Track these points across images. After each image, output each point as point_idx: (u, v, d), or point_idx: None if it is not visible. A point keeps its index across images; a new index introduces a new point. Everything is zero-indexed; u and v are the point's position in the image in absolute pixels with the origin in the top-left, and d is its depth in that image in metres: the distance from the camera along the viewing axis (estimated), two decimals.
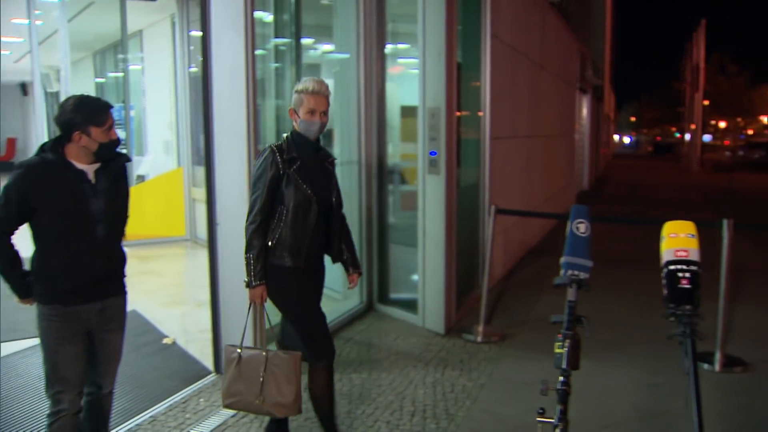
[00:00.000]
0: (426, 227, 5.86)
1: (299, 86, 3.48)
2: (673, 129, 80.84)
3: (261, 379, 3.37)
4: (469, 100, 6.90)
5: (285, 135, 3.55)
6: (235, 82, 4.46)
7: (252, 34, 4.44)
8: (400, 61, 8.07)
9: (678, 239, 1.88)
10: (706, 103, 56.13)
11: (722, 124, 79.61)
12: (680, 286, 1.80)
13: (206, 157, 4.62)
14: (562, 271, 2.00)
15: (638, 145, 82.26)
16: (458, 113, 6.27)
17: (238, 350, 3.46)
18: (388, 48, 6.90)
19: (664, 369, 5.18)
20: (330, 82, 7.25)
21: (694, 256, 1.86)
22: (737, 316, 6.83)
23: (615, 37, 45.37)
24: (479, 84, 6.88)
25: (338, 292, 6.54)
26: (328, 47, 7.44)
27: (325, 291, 3.83)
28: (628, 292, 7.32)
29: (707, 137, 73.01)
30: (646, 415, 4.43)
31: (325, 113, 3.48)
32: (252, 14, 4.44)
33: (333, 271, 6.64)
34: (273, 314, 3.73)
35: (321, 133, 3.53)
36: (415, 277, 6.12)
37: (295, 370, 3.39)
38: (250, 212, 3.45)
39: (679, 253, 1.86)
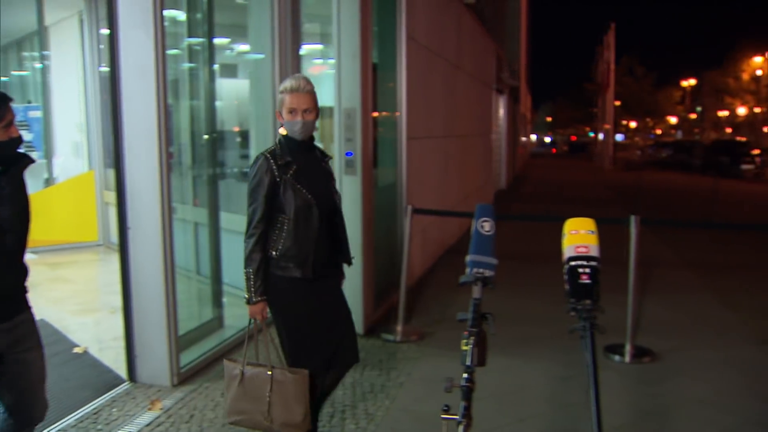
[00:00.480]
0: None
1: (280, 86, 3.34)
2: (587, 129, 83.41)
3: (268, 398, 3.24)
4: (385, 101, 6.93)
5: (277, 140, 3.40)
6: (144, 82, 4.36)
7: (162, 32, 4.35)
8: (318, 61, 8.05)
9: (578, 236, 1.94)
10: (618, 103, 58.16)
11: (633, 124, 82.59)
12: (580, 281, 1.86)
13: (116, 160, 4.50)
14: (467, 270, 2.03)
15: (552, 144, 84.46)
16: (374, 114, 6.30)
17: (240, 368, 3.31)
18: (305, 49, 6.87)
19: (576, 362, 5.33)
20: (245, 83, 7.18)
21: (594, 252, 1.92)
22: (646, 308, 7.10)
23: (531, 39, 46.45)
24: (395, 85, 6.93)
25: None
26: (244, 47, 7.36)
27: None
28: (542, 287, 7.50)
29: (619, 137, 75.66)
30: (560, 407, 4.55)
31: (309, 111, 3.28)
32: (161, 13, 4.36)
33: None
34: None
35: (309, 132, 3.33)
36: None
37: (302, 390, 3.24)
38: (248, 225, 3.26)
39: (579, 250, 1.91)
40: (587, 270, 1.89)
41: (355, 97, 5.64)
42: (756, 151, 34.14)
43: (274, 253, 3.24)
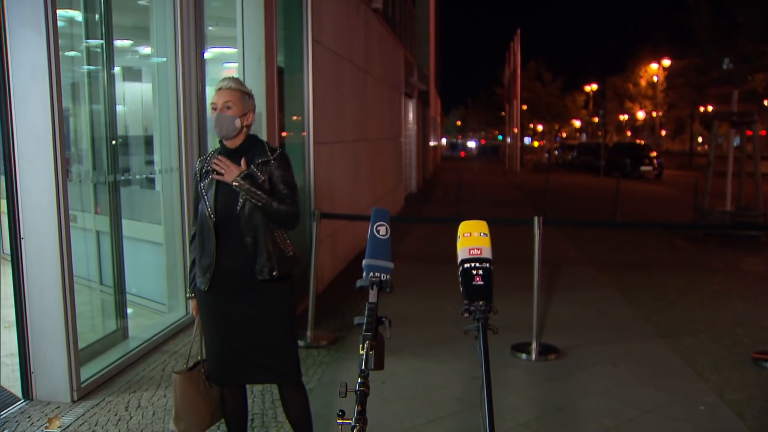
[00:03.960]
0: None
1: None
2: (497, 132, 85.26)
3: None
4: (292, 105, 6.88)
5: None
6: (37, 84, 4.17)
7: (55, 32, 4.18)
8: (226, 65, 7.92)
9: (471, 238, 1.96)
10: (525, 107, 59.67)
11: (540, 128, 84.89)
12: (474, 283, 1.87)
13: (5, 166, 4.29)
14: (364, 274, 2.02)
15: (462, 148, 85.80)
16: (281, 118, 6.24)
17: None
18: (213, 52, 6.75)
19: None
20: (148, 87, 6.98)
21: (487, 253, 1.94)
22: (552, 306, 7.29)
23: (440, 44, 47.14)
24: (302, 89, 6.88)
25: (162, 305, 6.30)
26: (147, 50, 7.16)
27: (147, 303, 3.64)
28: (453, 288, 7.59)
29: (528, 139, 77.65)
30: (470, 407, 4.60)
31: (230, 106, 3.12)
32: (54, 11, 4.18)
33: (156, 283, 6.44)
34: None
35: (225, 129, 3.14)
36: None
37: (175, 389, 3.35)
38: None
39: (472, 252, 1.93)
40: (480, 272, 1.91)
41: (260, 102, 5.57)
42: (654, 154, 35.70)
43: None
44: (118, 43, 6.81)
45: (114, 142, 5.76)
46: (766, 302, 6.39)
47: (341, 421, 1.63)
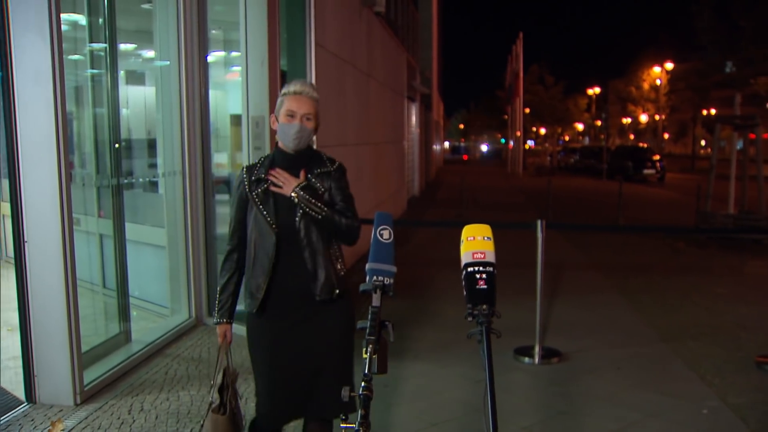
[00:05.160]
0: None
1: (282, 90, 2.99)
2: (499, 135, 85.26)
3: None
4: None
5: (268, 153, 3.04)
6: (41, 88, 4.19)
7: (59, 36, 4.20)
8: (232, 69, 7.94)
9: (475, 242, 1.96)
10: (527, 111, 59.69)
11: (543, 131, 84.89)
12: (477, 287, 1.88)
13: (10, 169, 4.30)
14: (367, 278, 2.02)
15: (465, 151, 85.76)
16: None
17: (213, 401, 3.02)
18: (216, 56, 6.77)
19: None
20: (151, 90, 7.00)
21: (490, 257, 1.94)
22: (556, 310, 7.28)
23: (443, 48, 47.19)
24: None
25: (165, 308, 6.31)
26: (150, 54, 7.18)
27: (150, 306, 3.52)
28: (458, 292, 7.60)
29: (531, 143, 77.69)
30: (473, 410, 4.60)
31: (310, 118, 2.88)
32: (58, 15, 4.20)
33: (159, 286, 6.44)
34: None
35: (305, 142, 2.90)
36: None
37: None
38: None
39: (476, 256, 1.93)
40: (484, 275, 1.91)
41: (263, 105, 5.57)
42: (656, 157, 35.69)
43: (245, 279, 2.98)
44: (122, 46, 6.83)
45: (117, 145, 5.78)
46: None
47: (345, 426, 1.62)
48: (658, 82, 63.61)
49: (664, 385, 5.16)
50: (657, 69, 61.53)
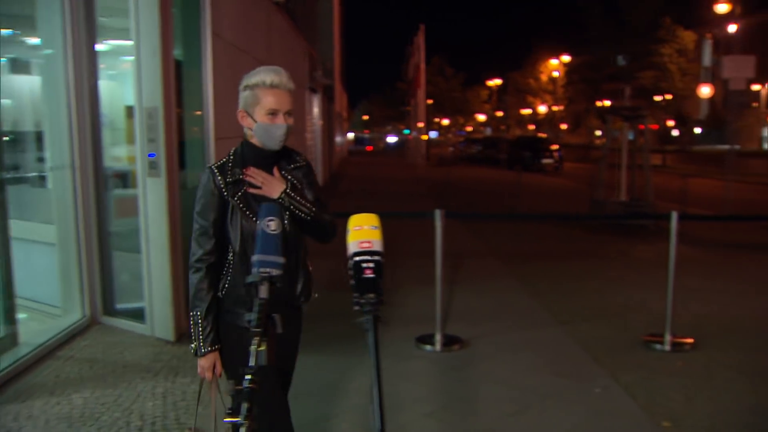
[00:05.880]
0: (149, 232, 5.61)
1: (251, 79, 2.63)
2: (403, 127, 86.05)
3: None
4: (192, 100, 6.72)
5: (233, 149, 2.72)
6: None
7: None
8: (124, 58, 7.66)
9: (362, 231, 1.97)
10: (430, 102, 60.43)
11: (445, 122, 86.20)
12: (364, 276, 1.88)
13: None
14: (253, 269, 1.99)
15: (369, 142, 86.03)
16: (180, 113, 6.10)
17: None
18: (108, 44, 6.52)
19: (391, 353, 5.45)
20: (36, 80, 6.68)
21: (378, 246, 1.95)
22: (456, 297, 7.41)
23: (345, 39, 47.14)
24: (201, 83, 6.73)
25: (56, 307, 6.06)
26: (36, 41, 6.84)
27: (40, 307, 3.31)
28: None
29: (434, 134, 78.73)
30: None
31: (291, 113, 2.65)
32: None
33: (49, 285, 6.17)
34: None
35: (286, 140, 2.67)
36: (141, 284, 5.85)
37: None
38: (192, 256, 2.63)
39: (363, 245, 1.94)
40: (371, 265, 1.91)
41: (156, 96, 5.41)
42: (554, 147, 36.83)
43: (220, 293, 2.66)
44: (3, 32, 6.49)
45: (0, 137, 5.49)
46: (656, 287, 6.68)
47: (228, 419, 1.59)
48: (555, 74, 65.67)
49: (559, 366, 5.34)
50: (554, 61, 63.51)
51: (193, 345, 2.64)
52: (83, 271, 5.93)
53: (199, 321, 2.60)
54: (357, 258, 1.92)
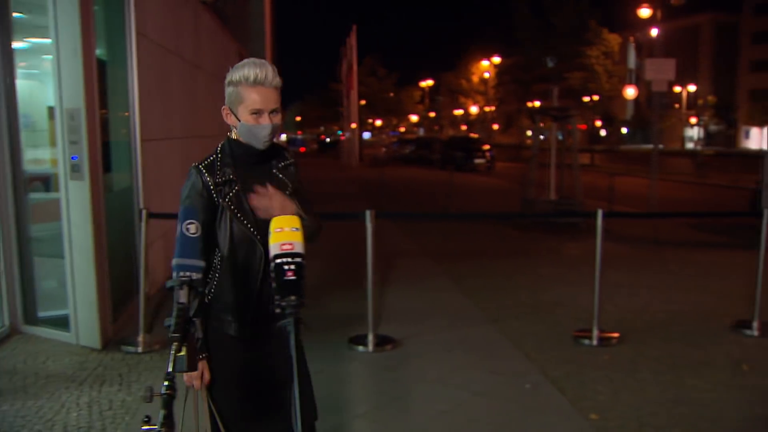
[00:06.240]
0: (72, 237, 5.43)
1: (234, 74, 2.44)
2: (336, 127, 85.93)
3: None
4: (117, 101, 6.56)
5: (218, 146, 2.56)
6: None
7: None
8: (46, 57, 7.41)
9: (283, 233, 1.94)
10: (363, 102, 60.49)
11: (379, 123, 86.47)
12: (286, 278, 1.86)
13: None
14: (174, 274, 1.95)
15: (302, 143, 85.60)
16: (104, 114, 5.94)
17: None
18: (29, 42, 6.31)
19: (326, 356, 5.42)
20: None
21: (299, 248, 1.93)
22: (388, 298, 7.42)
23: (277, 39, 46.73)
24: (126, 83, 6.57)
25: None
26: None
27: None
28: None
29: (367, 134, 78.88)
30: None
31: (277, 111, 2.48)
32: None
33: None
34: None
35: (273, 139, 2.53)
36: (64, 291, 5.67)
37: None
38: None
39: (284, 247, 1.92)
40: (292, 267, 1.89)
41: (78, 97, 5.25)
42: (486, 147, 37.34)
43: (207, 299, 2.50)
44: None
45: None
46: (585, 284, 6.83)
47: (146, 428, 1.55)
48: (486, 75, 66.62)
49: (491, 364, 5.40)
50: (485, 62, 64.43)
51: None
52: (1, 278, 5.70)
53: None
54: (278, 260, 1.90)
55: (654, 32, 31.97)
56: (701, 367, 5.36)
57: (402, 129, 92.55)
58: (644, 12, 26.08)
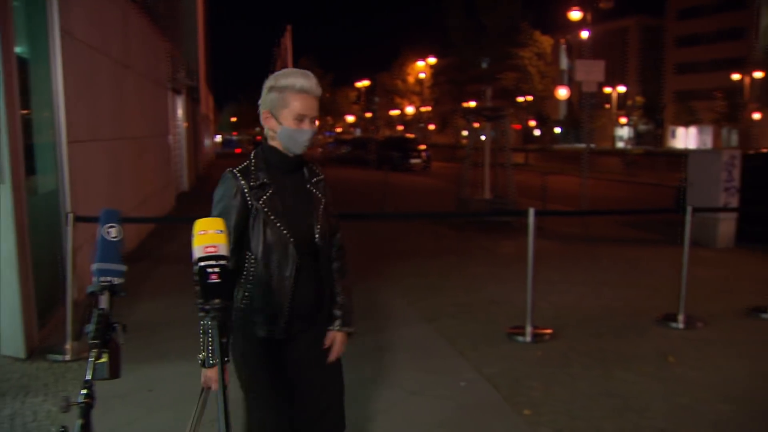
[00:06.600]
0: None
1: (280, 81, 2.55)
2: None
3: None
4: (41, 101, 6.35)
5: (252, 152, 2.64)
6: None
7: None
8: None
9: (206, 236, 1.92)
10: None
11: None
12: (210, 281, 1.83)
13: None
14: (94, 279, 1.89)
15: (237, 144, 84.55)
16: (27, 115, 5.74)
17: None
18: None
19: None
20: None
21: (224, 251, 1.91)
22: None
23: (211, 39, 46.12)
24: (51, 84, 6.37)
25: None
26: None
27: None
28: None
29: None
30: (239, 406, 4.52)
31: (315, 119, 2.60)
32: None
33: None
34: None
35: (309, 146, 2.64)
36: None
37: None
38: None
39: (208, 249, 1.89)
40: (216, 269, 1.87)
41: None
42: (422, 147, 37.60)
43: (237, 302, 2.58)
44: None
45: None
46: (519, 282, 6.93)
47: None
48: (421, 75, 67.11)
49: (426, 363, 5.42)
50: (420, 63, 64.88)
51: (200, 355, 2.42)
52: None
53: (210, 330, 2.39)
54: (202, 263, 1.87)
55: (584, 35, 32.77)
56: (630, 360, 5.50)
57: (338, 129, 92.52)
58: (575, 15, 26.68)
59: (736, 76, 56.39)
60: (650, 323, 6.54)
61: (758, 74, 54.63)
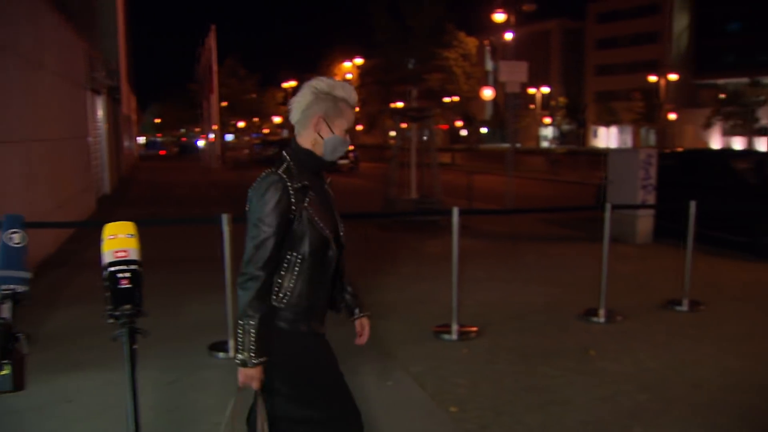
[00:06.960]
0: None
1: (337, 91, 2.63)
2: (197, 129, 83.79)
3: None
4: None
5: (285, 153, 2.64)
6: None
7: None
8: None
9: (116, 240, 1.86)
10: (225, 104, 59.33)
11: (241, 124, 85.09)
12: (120, 286, 1.77)
13: None
14: None
15: (161, 146, 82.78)
16: None
17: None
18: None
19: (181, 365, 5.25)
20: None
21: (134, 255, 1.85)
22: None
23: (132, 38, 45.04)
24: None
25: None
26: None
27: None
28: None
29: (229, 136, 77.44)
30: (167, 413, 4.44)
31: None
32: None
33: None
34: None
35: None
36: None
37: None
38: (250, 262, 2.46)
39: (118, 254, 1.83)
40: (127, 274, 1.81)
41: None
42: (350, 147, 37.52)
43: (278, 301, 2.56)
44: None
45: None
46: (444, 281, 6.96)
47: None
48: (349, 76, 67.05)
49: (353, 363, 5.37)
50: (347, 64, 64.83)
51: (240, 355, 2.47)
52: None
53: (252, 331, 2.45)
54: (112, 268, 1.80)
55: (508, 36, 33.38)
56: (552, 355, 5.62)
57: (266, 130, 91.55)
58: (499, 17, 27.13)
59: (652, 78, 58.41)
60: (572, 318, 6.70)
61: (673, 76, 56.77)
